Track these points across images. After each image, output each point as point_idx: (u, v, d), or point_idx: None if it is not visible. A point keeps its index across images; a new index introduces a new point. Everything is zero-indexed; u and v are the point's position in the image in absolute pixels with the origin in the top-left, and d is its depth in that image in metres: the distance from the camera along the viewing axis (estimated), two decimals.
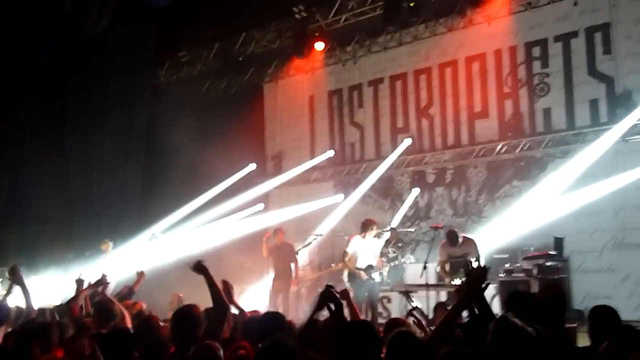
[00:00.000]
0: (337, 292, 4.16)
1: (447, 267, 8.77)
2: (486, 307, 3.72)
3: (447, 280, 8.77)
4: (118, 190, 14.55)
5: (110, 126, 14.62)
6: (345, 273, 10.64)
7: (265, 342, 3.07)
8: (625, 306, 9.19)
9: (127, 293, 7.18)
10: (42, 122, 13.89)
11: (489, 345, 3.06)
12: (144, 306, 7.08)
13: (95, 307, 5.73)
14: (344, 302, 4.88)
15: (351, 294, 5.08)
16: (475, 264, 3.72)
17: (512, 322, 3.09)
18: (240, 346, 4.03)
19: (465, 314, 4.27)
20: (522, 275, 8.59)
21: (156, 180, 14.08)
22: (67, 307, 5.86)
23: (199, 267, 4.54)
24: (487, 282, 3.59)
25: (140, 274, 7.46)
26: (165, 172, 13.77)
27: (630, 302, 9.58)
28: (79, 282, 6.13)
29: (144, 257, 11.79)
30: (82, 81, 14.47)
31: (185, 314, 4.36)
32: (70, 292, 6.25)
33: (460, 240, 8.72)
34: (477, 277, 3.57)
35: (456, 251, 8.75)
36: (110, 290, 6.87)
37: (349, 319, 4.76)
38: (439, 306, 7.65)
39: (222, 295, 4.46)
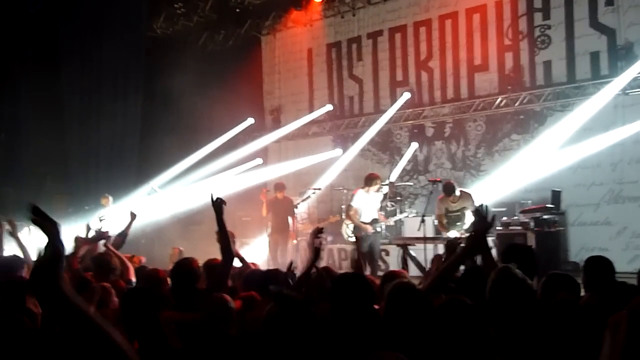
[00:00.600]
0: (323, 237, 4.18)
1: (445, 220, 8.83)
2: (490, 257, 3.72)
3: (444, 233, 8.84)
4: (116, 145, 14.53)
5: (106, 80, 14.50)
6: (345, 227, 10.72)
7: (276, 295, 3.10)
8: (620, 258, 9.27)
9: (121, 239, 7.22)
10: (37, 77, 13.76)
11: (488, 294, 3.08)
12: (143, 260, 7.14)
13: (94, 261, 5.78)
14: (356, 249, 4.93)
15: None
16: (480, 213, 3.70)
17: (513, 273, 3.10)
18: (248, 295, 4.11)
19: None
20: (519, 228, 8.66)
21: (154, 134, 14.04)
22: (66, 261, 5.90)
23: (218, 204, 4.40)
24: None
25: (132, 215, 7.50)
26: (162, 127, 13.72)
27: (625, 255, 9.68)
28: (78, 240, 6.15)
29: (143, 211, 11.85)
30: (76, 34, 14.28)
31: (184, 267, 4.40)
32: (70, 247, 6.31)
33: (457, 193, 8.76)
34: (484, 226, 3.56)
35: (453, 205, 8.80)
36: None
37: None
38: (436, 258, 7.70)
39: (229, 241, 4.44)
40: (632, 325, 2.04)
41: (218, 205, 4.39)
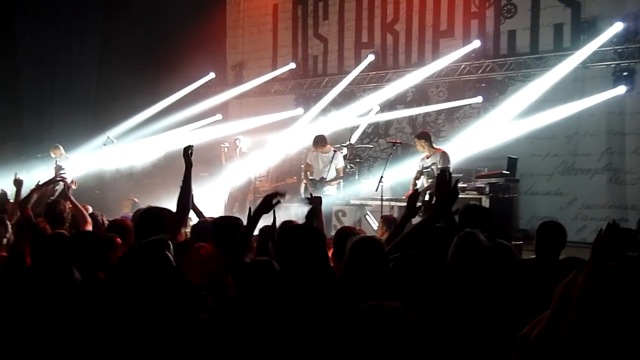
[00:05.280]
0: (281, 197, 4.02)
1: (416, 176, 8.82)
2: (453, 221, 3.71)
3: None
4: (71, 92, 14.09)
5: (62, 24, 13.95)
6: (302, 186, 10.77)
7: None
8: (569, 228, 9.42)
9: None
10: None
11: (450, 257, 3.08)
12: (90, 209, 6.95)
13: (46, 207, 5.60)
14: (315, 209, 4.86)
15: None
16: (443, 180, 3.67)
17: (478, 239, 3.09)
18: (202, 245, 4.07)
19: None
20: (474, 192, 8.79)
21: (111, 83, 13.63)
22: (21, 206, 5.66)
23: (188, 155, 4.30)
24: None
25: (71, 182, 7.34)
26: (120, 76, 13.30)
27: (574, 224, 9.96)
28: (18, 182, 5.94)
29: (98, 162, 11.59)
30: None
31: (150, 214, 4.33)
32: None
33: (432, 147, 8.75)
34: (449, 194, 3.54)
35: (427, 161, 8.79)
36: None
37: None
38: (382, 219, 7.65)
39: (190, 195, 4.33)
40: (589, 285, 2.08)
41: (187, 156, 4.28)
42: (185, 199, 4.23)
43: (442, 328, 2.68)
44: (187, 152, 4.31)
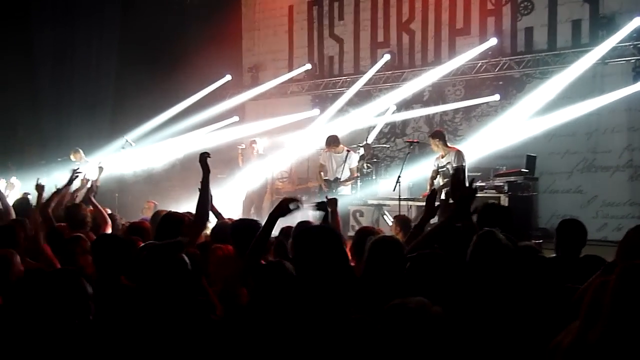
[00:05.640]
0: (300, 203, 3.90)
1: (432, 175, 8.78)
2: (471, 223, 3.69)
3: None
4: (90, 96, 14.22)
5: (80, 28, 14.09)
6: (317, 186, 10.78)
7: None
8: (590, 226, 9.30)
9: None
10: (7, 23, 13.28)
11: (469, 256, 3.06)
12: (109, 211, 7.05)
13: (66, 211, 5.70)
14: (330, 211, 4.83)
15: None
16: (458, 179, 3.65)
17: (497, 238, 3.06)
18: (219, 247, 4.09)
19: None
20: (493, 191, 8.72)
21: (129, 86, 13.75)
22: (42, 210, 5.74)
23: (205, 161, 4.31)
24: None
25: (100, 169, 7.51)
26: (138, 79, 13.42)
27: (594, 222, 9.84)
28: (40, 187, 6.04)
29: (117, 165, 11.68)
30: None
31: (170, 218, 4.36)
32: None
33: (447, 146, 8.69)
34: (466, 198, 3.52)
35: (442, 160, 8.75)
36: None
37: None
38: (397, 218, 7.58)
39: (209, 201, 4.33)
40: (621, 287, 2.00)
41: (204, 164, 4.29)
42: (205, 205, 4.26)
43: (463, 325, 2.66)
44: (204, 158, 4.31)
